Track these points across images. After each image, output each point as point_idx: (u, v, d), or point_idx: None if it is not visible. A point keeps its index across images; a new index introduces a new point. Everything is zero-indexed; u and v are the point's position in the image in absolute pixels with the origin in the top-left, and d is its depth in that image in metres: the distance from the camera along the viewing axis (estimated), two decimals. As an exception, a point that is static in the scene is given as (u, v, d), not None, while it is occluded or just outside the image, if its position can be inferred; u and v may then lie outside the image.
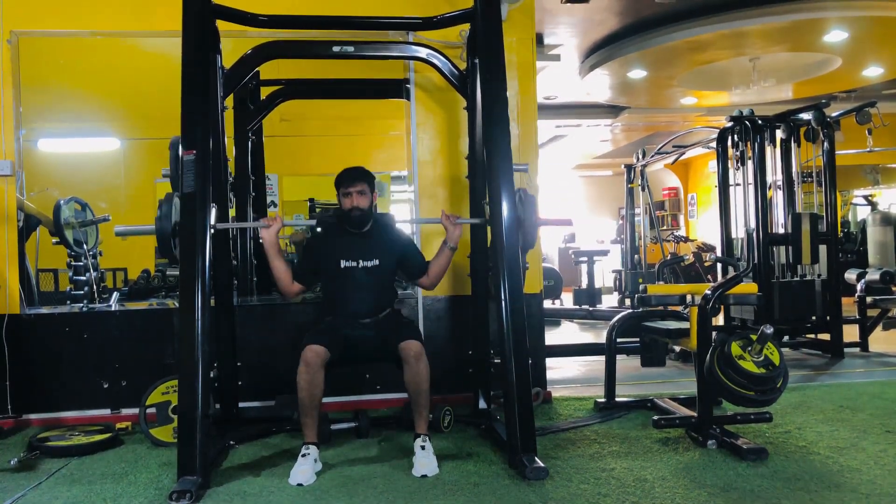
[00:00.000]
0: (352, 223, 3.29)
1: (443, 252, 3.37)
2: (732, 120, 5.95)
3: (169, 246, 3.17)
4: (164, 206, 3.16)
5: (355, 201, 3.24)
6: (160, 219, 3.15)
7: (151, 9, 4.15)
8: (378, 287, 3.32)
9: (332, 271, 3.29)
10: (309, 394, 3.04)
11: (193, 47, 3.23)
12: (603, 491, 2.73)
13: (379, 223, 3.40)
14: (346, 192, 3.25)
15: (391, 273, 3.40)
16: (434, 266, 3.40)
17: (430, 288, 3.51)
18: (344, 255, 3.28)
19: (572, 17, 7.01)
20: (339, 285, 3.30)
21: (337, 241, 3.33)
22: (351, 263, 3.28)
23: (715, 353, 3.13)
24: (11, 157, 4.02)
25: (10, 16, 4.05)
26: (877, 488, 2.70)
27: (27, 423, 3.98)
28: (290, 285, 3.30)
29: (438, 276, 3.42)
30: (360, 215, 3.26)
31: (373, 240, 3.33)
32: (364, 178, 3.27)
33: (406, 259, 3.41)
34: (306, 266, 3.38)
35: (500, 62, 3.36)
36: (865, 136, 6.41)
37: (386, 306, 3.37)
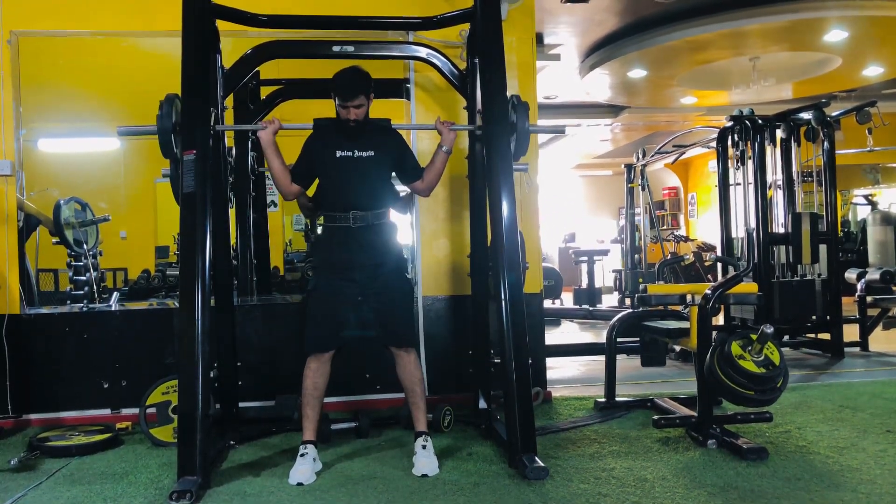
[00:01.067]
0: (348, 133, 3.22)
1: (438, 155, 3.34)
2: (732, 119, 5.95)
3: (170, 144, 3.14)
4: (164, 106, 3.13)
5: (352, 115, 3.17)
6: (161, 117, 3.12)
7: (151, 9, 4.15)
8: (374, 178, 3.24)
9: (328, 162, 3.22)
10: (312, 382, 3.08)
11: (193, 47, 3.23)
12: (603, 490, 2.73)
13: (375, 122, 3.34)
14: (343, 105, 3.17)
15: (387, 166, 3.31)
16: (429, 171, 3.36)
17: (426, 193, 3.45)
18: (340, 146, 3.22)
19: (572, 17, 7.00)
20: (336, 175, 3.22)
21: (333, 135, 3.26)
22: (346, 153, 3.21)
23: (715, 353, 3.13)
24: (11, 157, 4.02)
25: (9, 16, 4.05)
26: (877, 488, 2.70)
27: (27, 423, 3.98)
28: (289, 185, 3.25)
29: (433, 180, 3.38)
30: (356, 125, 3.20)
31: (369, 134, 3.27)
32: (362, 89, 3.17)
33: (402, 159, 3.35)
34: (303, 165, 3.31)
35: (500, 62, 3.36)
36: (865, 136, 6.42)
37: (382, 203, 3.26)
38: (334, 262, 3.18)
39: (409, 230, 4.36)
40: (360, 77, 3.20)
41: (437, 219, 4.36)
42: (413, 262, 4.29)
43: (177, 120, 3.15)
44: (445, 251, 4.35)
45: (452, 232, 4.35)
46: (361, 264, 3.16)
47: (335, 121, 3.26)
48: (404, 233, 4.31)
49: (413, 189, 3.47)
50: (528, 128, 3.39)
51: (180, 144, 3.14)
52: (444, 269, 4.35)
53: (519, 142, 3.39)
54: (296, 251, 6.03)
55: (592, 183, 16.65)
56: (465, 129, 3.70)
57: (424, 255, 4.33)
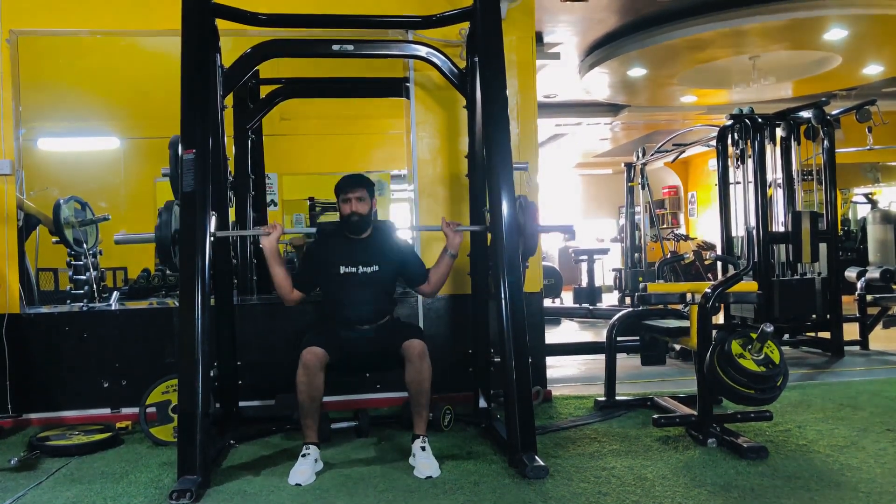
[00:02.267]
0: (351, 229, 3.29)
1: (443, 259, 3.38)
2: (732, 118, 5.95)
3: (169, 254, 3.18)
4: (163, 215, 3.17)
5: (354, 207, 3.24)
6: (160, 227, 3.16)
7: (151, 8, 4.14)
8: (377, 293, 3.32)
9: (332, 277, 3.29)
10: (308, 396, 3.04)
11: (193, 46, 3.22)
12: (603, 489, 2.73)
13: (379, 230, 3.41)
14: (345, 198, 3.26)
15: (391, 280, 3.39)
16: (435, 273, 3.40)
17: (431, 295, 3.55)
18: (343, 260, 3.28)
19: (572, 16, 7.00)
20: (339, 291, 3.29)
21: (336, 247, 3.33)
22: (350, 269, 3.28)
23: (715, 352, 3.13)
24: (11, 157, 4.01)
25: (9, 15, 4.04)
26: (877, 487, 2.70)
27: (27, 422, 3.98)
28: (290, 293, 3.30)
29: (439, 284, 3.43)
30: (359, 221, 3.27)
31: (372, 246, 3.34)
32: (363, 185, 3.28)
33: (406, 267, 3.41)
34: (306, 273, 3.38)
35: (500, 61, 3.36)
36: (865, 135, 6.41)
37: (385, 313, 3.36)
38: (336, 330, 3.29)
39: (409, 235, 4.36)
40: (362, 176, 3.34)
41: (437, 218, 4.33)
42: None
43: (176, 229, 3.19)
44: (445, 250, 4.35)
45: (452, 231, 4.35)
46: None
47: (339, 226, 3.33)
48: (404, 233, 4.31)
49: (418, 293, 3.57)
50: (535, 228, 3.51)
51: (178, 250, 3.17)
52: (444, 268, 4.34)
53: (526, 240, 3.45)
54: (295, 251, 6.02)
55: (592, 182, 16.65)
56: (471, 229, 3.72)
57: (425, 255, 4.30)
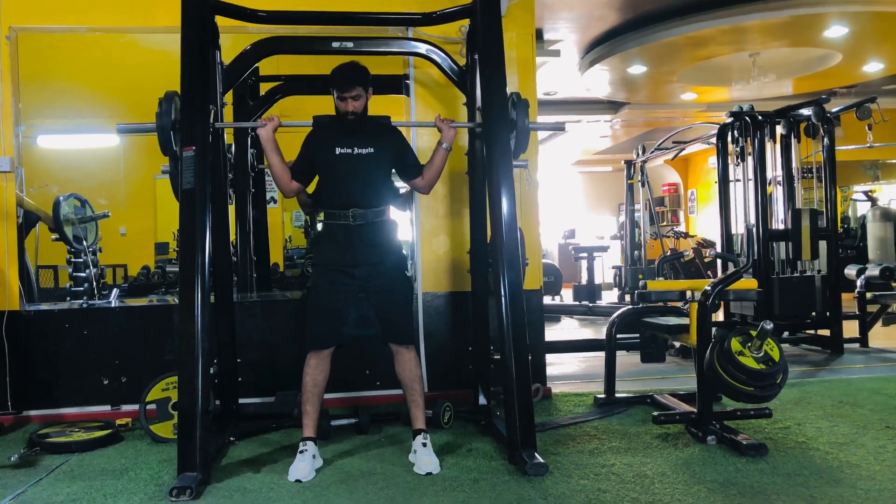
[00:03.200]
0: (347, 125, 3.21)
1: (438, 152, 3.33)
2: (732, 116, 5.95)
3: (169, 141, 3.14)
4: (163, 104, 3.13)
5: (350, 106, 3.16)
6: (160, 115, 3.12)
7: (150, 5, 4.14)
8: (374, 175, 3.23)
9: (328, 159, 3.22)
10: (312, 379, 3.08)
11: (193, 43, 3.22)
12: (602, 486, 2.74)
13: (374, 120, 3.33)
14: (341, 96, 3.17)
15: (387, 164, 3.31)
16: (429, 166, 3.35)
17: (426, 190, 3.44)
18: (339, 143, 3.21)
19: (572, 13, 7.00)
20: (335, 172, 3.21)
21: (332, 133, 3.26)
22: (346, 150, 3.20)
23: (715, 349, 3.13)
24: (11, 154, 4.01)
25: (8, 12, 4.04)
26: (876, 484, 2.71)
27: (27, 419, 3.98)
28: (289, 183, 3.25)
29: (434, 177, 3.37)
30: (355, 119, 3.19)
31: (368, 132, 3.27)
32: (360, 82, 3.17)
33: (401, 156, 3.35)
34: (303, 162, 3.30)
35: (500, 58, 3.36)
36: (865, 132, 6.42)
37: (382, 201, 3.26)
38: (334, 259, 3.18)
39: (408, 227, 4.36)
40: (358, 69, 3.21)
41: (436, 215, 4.35)
42: (413, 259, 4.29)
43: (176, 118, 3.14)
44: (445, 248, 4.35)
45: (452, 228, 4.35)
46: (361, 262, 3.15)
47: (334, 118, 3.26)
48: (404, 229, 4.31)
49: (413, 186, 3.46)
50: (527, 125, 3.38)
51: (180, 142, 3.13)
52: (443, 265, 4.34)
53: (519, 139, 3.39)
54: (295, 247, 6.03)
55: (592, 179, 16.65)
56: (465, 126, 3.70)
57: (424, 252, 4.32)
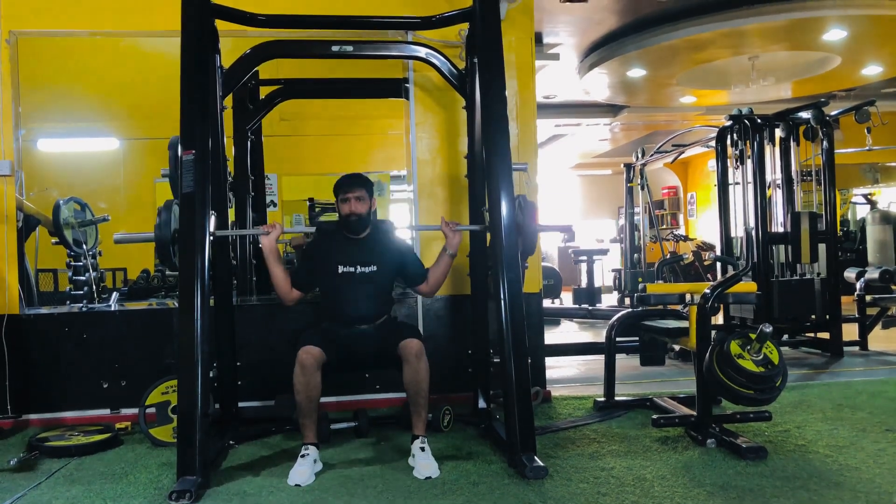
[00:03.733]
0: (350, 229, 3.30)
1: (442, 259, 3.38)
2: (732, 119, 5.95)
3: (168, 253, 3.18)
4: (163, 214, 3.17)
5: (353, 207, 3.25)
6: (159, 226, 3.16)
7: (150, 8, 4.14)
8: (375, 293, 3.32)
9: (330, 276, 3.29)
10: (306, 396, 3.05)
11: (193, 47, 3.22)
12: (602, 490, 2.73)
13: (378, 229, 3.42)
14: (344, 197, 3.26)
15: (389, 279, 3.40)
16: (433, 273, 3.41)
17: (430, 295, 3.56)
18: (342, 260, 3.29)
19: (571, 17, 7.01)
20: (337, 290, 3.29)
21: (335, 246, 3.33)
22: (349, 269, 3.28)
23: (714, 352, 3.13)
24: (11, 157, 4.01)
25: (8, 16, 4.04)
26: (876, 487, 2.70)
27: (26, 423, 3.98)
28: (289, 292, 3.30)
29: (438, 283, 3.43)
30: (358, 220, 3.27)
31: (371, 246, 3.34)
32: (362, 185, 3.28)
33: (405, 267, 3.42)
34: (304, 272, 3.38)
35: (499, 61, 3.36)
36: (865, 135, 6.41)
37: (383, 313, 3.37)
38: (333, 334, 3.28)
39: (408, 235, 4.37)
40: (361, 176, 3.34)
41: (436, 219, 4.34)
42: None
43: (176, 228, 3.18)
44: (445, 251, 4.35)
45: (452, 231, 4.35)
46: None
47: (338, 225, 3.34)
48: (404, 233, 4.32)
49: (417, 292, 3.56)
50: (534, 228, 3.52)
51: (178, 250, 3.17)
52: (443, 268, 4.34)
53: (525, 240, 3.46)
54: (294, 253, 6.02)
55: (592, 182, 16.66)
56: (470, 229, 3.72)
57: (424, 255, 4.31)
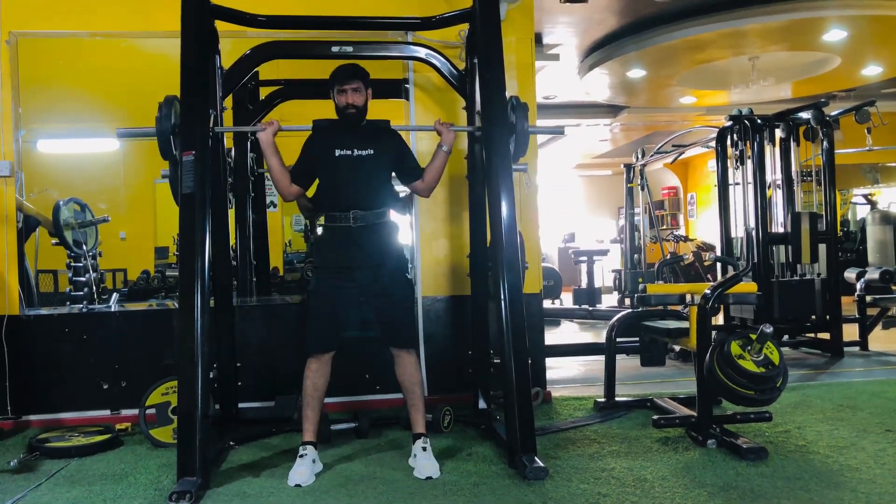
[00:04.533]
0: (347, 120, 3.22)
1: (438, 154, 3.32)
2: (732, 119, 5.95)
3: (169, 146, 3.14)
4: (163, 108, 3.13)
5: (350, 98, 3.17)
6: (160, 119, 3.12)
7: (150, 9, 4.14)
8: (373, 177, 3.23)
9: (327, 161, 3.22)
10: (313, 383, 3.08)
11: (192, 48, 3.22)
12: (603, 490, 2.73)
13: (373, 123, 3.34)
14: (341, 89, 3.18)
15: (387, 165, 3.30)
16: (429, 170, 3.34)
17: (426, 193, 3.43)
18: (339, 146, 3.21)
19: (571, 17, 7.00)
20: (335, 174, 3.22)
21: (332, 136, 3.26)
22: (346, 152, 3.20)
23: (715, 353, 3.13)
24: (11, 158, 4.01)
25: (8, 16, 4.04)
26: (876, 487, 2.70)
27: (27, 424, 3.98)
28: (289, 186, 3.24)
29: (434, 180, 3.36)
30: (356, 112, 3.20)
31: (368, 134, 3.28)
32: (359, 75, 3.21)
33: (401, 159, 3.35)
34: (303, 165, 3.30)
35: (499, 62, 3.36)
36: (865, 135, 6.41)
37: (383, 204, 3.25)
38: (335, 262, 3.18)
39: (408, 230, 4.36)
40: (358, 67, 3.25)
41: (436, 219, 4.36)
42: (413, 263, 4.29)
43: (176, 122, 3.14)
44: (445, 251, 4.35)
45: (452, 232, 4.35)
46: (362, 264, 3.15)
47: (334, 121, 3.28)
48: (404, 233, 4.31)
49: (413, 189, 3.46)
50: (527, 128, 3.38)
51: (179, 146, 3.14)
52: (443, 269, 4.34)
53: (518, 143, 3.39)
54: (295, 252, 6.03)
55: (592, 183, 16.65)
56: (464, 129, 3.71)
57: (424, 256, 4.33)
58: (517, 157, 3.43)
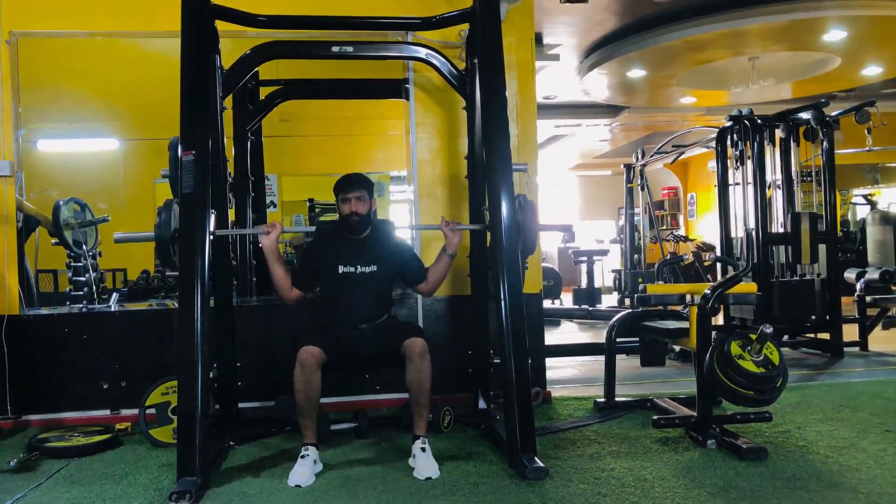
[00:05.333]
0: (350, 229, 3.30)
1: (441, 259, 3.39)
2: (732, 119, 5.95)
3: (168, 253, 3.17)
4: (163, 214, 3.16)
5: (353, 207, 3.25)
6: (159, 226, 3.15)
7: (150, 9, 4.14)
8: (376, 293, 3.33)
9: (331, 276, 3.30)
10: (305, 395, 3.05)
11: (193, 48, 3.23)
12: (602, 491, 2.73)
13: (378, 229, 3.42)
14: (344, 197, 3.27)
15: (389, 279, 3.41)
16: (433, 273, 3.42)
17: (429, 294, 3.58)
18: (342, 260, 3.29)
19: (571, 17, 7.01)
20: (337, 290, 3.30)
21: (336, 246, 3.34)
22: (349, 269, 3.29)
23: (714, 353, 3.13)
24: (11, 158, 4.01)
25: (8, 16, 4.04)
26: (876, 488, 2.70)
27: (27, 423, 3.98)
28: (290, 291, 3.31)
29: (437, 283, 3.44)
30: (359, 221, 3.27)
31: (371, 246, 3.34)
32: (363, 185, 3.29)
33: (405, 267, 3.42)
34: (305, 272, 3.39)
35: (499, 62, 3.37)
36: (864, 136, 6.41)
37: (383, 312, 3.38)
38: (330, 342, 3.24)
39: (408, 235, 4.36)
40: (362, 176, 3.34)
41: (436, 219, 4.33)
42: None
43: (176, 228, 3.18)
44: (445, 251, 4.35)
45: (452, 232, 4.35)
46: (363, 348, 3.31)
47: (338, 225, 3.34)
48: (404, 233, 4.32)
49: (416, 292, 3.58)
50: (535, 227, 3.49)
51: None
52: (443, 269, 4.34)
53: (526, 239, 3.44)
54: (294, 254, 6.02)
55: (592, 183, 16.65)
56: (470, 228, 3.74)
57: (424, 255, 4.31)
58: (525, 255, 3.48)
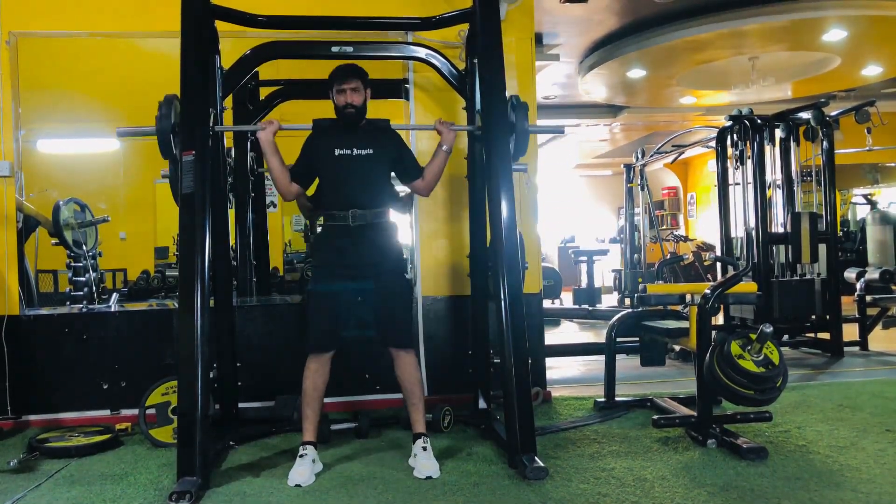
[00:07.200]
0: (346, 120, 3.23)
1: (438, 154, 3.33)
2: (731, 119, 5.95)
3: (169, 145, 3.13)
4: (163, 107, 3.12)
5: (349, 98, 3.18)
6: (160, 118, 3.11)
7: (150, 9, 4.15)
8: (373, 176, 3.24)
9: (327, 160, 3.22)
10: (313, 382, 3.09)
11: (192, 48, 3.22)
12: (603, 490, 2.73)
13: (373, 122, 3.35)
14: (339, 88, 3.19)
15: (386, 165, 3.30)
16: (429, 169, 3.34)
17: (426, 192, 3.44)
18: (339, 145, 3.22)
19: (571, 17, 7.00)
20: (334, 174, 3.22)
21: (332, 135, 3.27)
22: (345, 151, 3.21)
23: (714, 353, 3.13)
24: (10, 158, 4.02)
25: (8, 17, 4.04)
26: (876, 487, 2.70)
27: (26, 424, 3.98)
28: (289, 185, 3.25)
29: (434, 179, 3.36)
30: (354, 112, 3.21)
31: (367, 133, 3.28)
32: (358, 75, 3.22)
33: (401, 158, 3.35)
34: (303, 164, 3.31)
35: (499, 62, 3.37)
36: (865, 135, 6.41)
37: (382, 203, 3.24)
38: (334, 261, 3.18)
39: (408, 230, 4.36)
40: (357, 66, 3.26)
41: (436, 219, 4.35)
42: (412, 263, 4.29)
43: (176, 121, 3.15)
44: (445, 251, 4.35)
45: (452, 232, 4.35)
46: (360, 264, 3.16)
47: (334, 120, 3.29)
48: (404, 233, 4.31)
49: (413, 188, 3.46)
50: (527, 128, 3.38)
51: (179, 145, 3.14)
52: (443, 269, 4.34)
53: (518, 142, 3.39)
54: (295, 252, 6.03)
55: (592, 183, 16.65)
56: (464, 129, 3.71)
57: (424, 256, 4.33)
58: (517, 157, 3.43)
